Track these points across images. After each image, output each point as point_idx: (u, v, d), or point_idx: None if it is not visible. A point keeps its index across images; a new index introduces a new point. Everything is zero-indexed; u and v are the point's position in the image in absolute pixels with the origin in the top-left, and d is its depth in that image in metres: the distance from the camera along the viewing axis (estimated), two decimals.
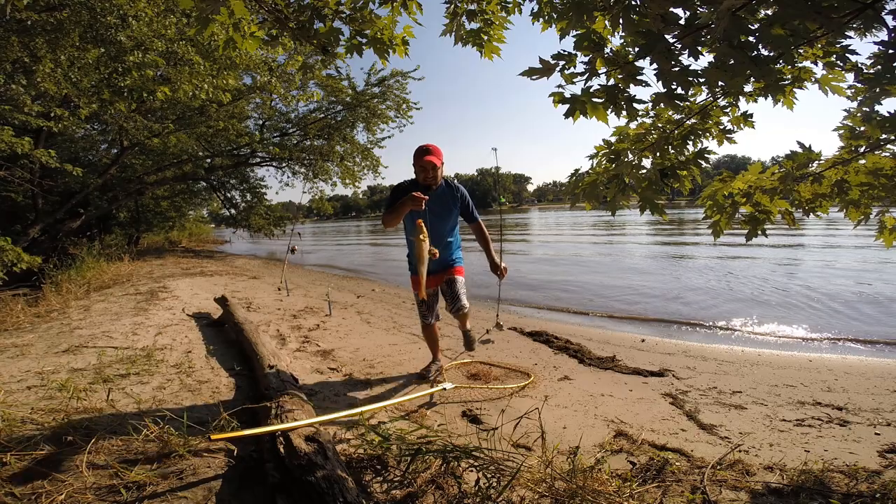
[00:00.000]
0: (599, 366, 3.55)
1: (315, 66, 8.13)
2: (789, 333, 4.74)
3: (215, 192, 16.35)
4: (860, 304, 5.68)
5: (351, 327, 4.76)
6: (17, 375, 2.80)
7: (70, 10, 5.14)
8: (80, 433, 1.87)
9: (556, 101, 1.51)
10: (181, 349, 3.52)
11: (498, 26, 2.12)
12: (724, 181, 1.86)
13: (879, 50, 1.37)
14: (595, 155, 1.83)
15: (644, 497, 1.65)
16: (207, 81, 6.70)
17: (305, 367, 3.40)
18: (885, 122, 1.48)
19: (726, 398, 2.92)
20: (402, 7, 2.08)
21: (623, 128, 1.81)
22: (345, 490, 1.46)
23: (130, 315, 4.61)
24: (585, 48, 1.50)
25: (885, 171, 1.58)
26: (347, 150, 13.49)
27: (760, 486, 1.80)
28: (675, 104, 1.48)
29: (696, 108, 1.77)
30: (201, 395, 2.63)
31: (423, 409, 2.70)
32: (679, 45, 1.34)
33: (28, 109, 5.62)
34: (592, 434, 2.40)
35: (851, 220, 1.75)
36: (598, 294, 7.04)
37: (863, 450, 2.21)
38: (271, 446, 1.75)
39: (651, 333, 4.82)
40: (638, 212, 1.84)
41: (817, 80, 1.68)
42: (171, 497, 1.52)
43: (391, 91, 12.52)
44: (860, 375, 3.34)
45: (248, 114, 13.06)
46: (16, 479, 1.57)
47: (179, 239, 20.92)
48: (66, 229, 9.83)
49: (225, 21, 1.90)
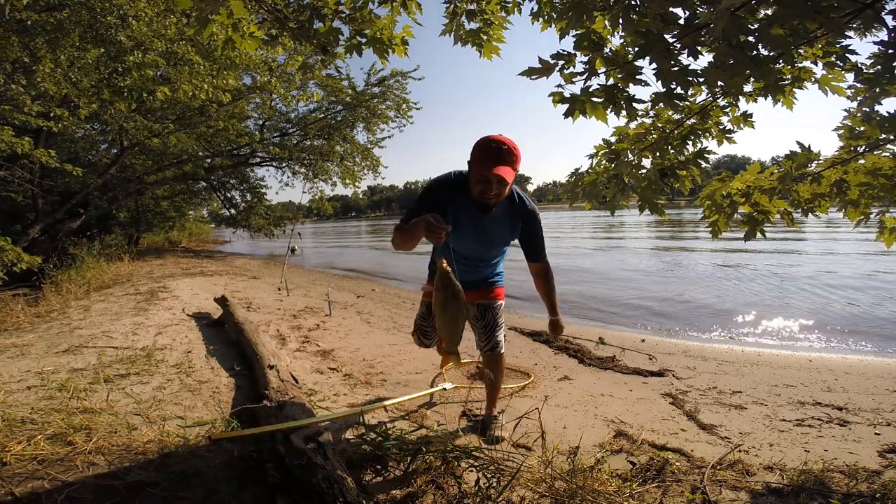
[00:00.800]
0: (599, 366, 3.56)
1: (315, 66, 8.13)
2: (789, 333, 4.74)
3: (215, 192, 16.36)
4: (860, 304, 5.67)
5: (351, 327, 4.76)
6: (17, 375, 2.80)
7: (70, 10, 5.15)
8: (80, 433, 1.87)
9: (556, 100, 1.51)
10: (181, 349, 3.52)
11: (497, 26, 2.12)
12: (722, 181, 1.87)
13: (879, 50, 1.38)
14: (595, 155, 1.83)
15: (644, 497, 1.65)
16: (207, 81, 6.71)
17: (305, 367, 3.40)
18: (884, 122, 1.48)
19: (726, 398, 2.92)
20: (401, 7, 2.08)
21: (623, 128, 1.81)
22: (345, 490, 1.46)
23: (130, 315, 4.61)
24: (585, 48, 1.50)
25: (884, 171, 1.58)
26: (347, 150, 13.50)
27: (760, 486, 1.80)
28: (674, 104, 1.48)
29: (696, 108, 1.77)
30: (201, 395, 2.63)
31: (423, 409, 2.70)
32: (678, 45, 1.34)
33: (28, 109, 5.62)
34: (592, 434, 2.40)
35: (850, 220, 1.75)
36: (597, 296, 7.05)
37: (863, 450, 2.21)
38: (271, 446, 1.75)
39: (651, 333, 4.82)
40: (637, 211, 1.84)
41: (817, 80, 1.68)
42: (171, 497, 1.52)
43: (391, 91, 12.53)
44: (860, 375, 3.33)
45: (248, 114, 13.08)
46: (16, 479, 1.57)
47: (179, 239, 20.91)
48: (66, 229, 9.83)
49: (224, 21, 1.90)
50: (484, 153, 1.75)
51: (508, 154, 1.74)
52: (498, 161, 1.72)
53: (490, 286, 2.23)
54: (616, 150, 1.79)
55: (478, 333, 2.25)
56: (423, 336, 2.40)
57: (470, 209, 1.91)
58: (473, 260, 2.12)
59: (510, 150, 1.75)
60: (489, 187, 1.77)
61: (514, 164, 1.76)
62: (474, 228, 1.96)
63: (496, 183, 1.75)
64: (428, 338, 2.40)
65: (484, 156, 1.75)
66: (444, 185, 1.93)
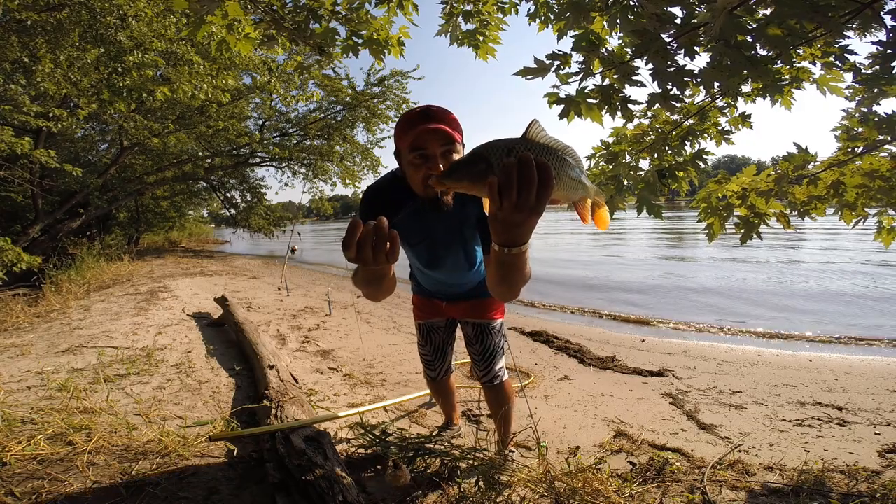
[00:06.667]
0: (599, 366, 3.56)
1: (313, 66, 8.13)
2: (789, 333, 4.73)
3: (215, 192, 16.37)
4: (861, 304, 5.67)
5: (351, 327, 4.76)
6: (17, 375, 2.80)
7: (70, 10, 5.15)
8: (80, 433, 1.87)
9: (551, 101, 1.51)
10: (181, 349, 3.52)
11: (494, 27, 2.12)
12: (719, 183, 1.86)
13: (878, 50, 1.37)
14: (592, 156, 1.83)
15: (644, 497, 1.65)
16: (207, 81, 6.71)
17: (305, 366, 3.40)
18: (882, 124, 1.48)
19: (726, 398, 2.92)
20: (398, 7, 2.07)
21: (620, 129, 1.81)
22: (345, 490, 1.47)
23: (130, 315, 4.62)
24: (583, 48, 1.50)
25: (881, 173, 1.58)
26: (347, 149, 13.51)
27: (760, 486, 1.80)
28: (670, 105, 1.48)
29: (694, 108, 1.76)
30: (201, 395, 2.63)
31: (423, 409, 2.70)
32: (675, 45, 1.34)
33: (27, 109, 5.63)
34: (592, 434, 2.40)
35: (846, 223, 1.75)
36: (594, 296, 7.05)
37: (863, 450, 2.21)
38: (271, 446, 1.75)
39: (651, 333, 4.82)
40: (635, 212, 1.84)
41: (815, 81, 1.68)
42: (171, 497, 1.52)
43: (391, 91, 12.53)
44: (860, 375, 3.33)
45: (248, 114, 13.07)
46: (16, 479, 1.57)
47: (179, 239, 20.92)
48: (66, 229, 9.83)
49: (219, 22, 1.89)
50: (407, 122, 1.29)
51: (439, 113, 1.29)
52: (428, 120, 1.26)
53: (482, 299, 1.78)
54: (614, 152, 1.79)
55: (473, 361, 1.87)
56: (428, 367, 2.03)
57: (420, 215, 1.41)
58: (453, 274, 1.67)
59: (440, 111, 1.30)
60: (432, 162, 1.25)
61: (452, 125, 1.28)
62: (432, 240, 1.50)
63: (435, 143, 1.23)
64: (432, 368, 2.01)
65: (408, 124, 1.28)
66: (382, 191, 1.44)
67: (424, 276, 1.81)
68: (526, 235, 0.82)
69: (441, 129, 1.22)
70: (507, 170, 0.69)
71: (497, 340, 1.82)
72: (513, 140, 0.76)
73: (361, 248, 0.79)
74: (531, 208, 0.71)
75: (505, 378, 1.85)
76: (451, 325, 1.96)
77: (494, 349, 1.81)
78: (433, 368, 2.01)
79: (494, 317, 1.82)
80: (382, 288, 1.13)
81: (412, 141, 1.24)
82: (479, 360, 1.83)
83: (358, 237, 0.78)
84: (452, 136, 1.23)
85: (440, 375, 2.02)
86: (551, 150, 0.78)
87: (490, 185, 0.71)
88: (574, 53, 1.49)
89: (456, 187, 0.77)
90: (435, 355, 1.98)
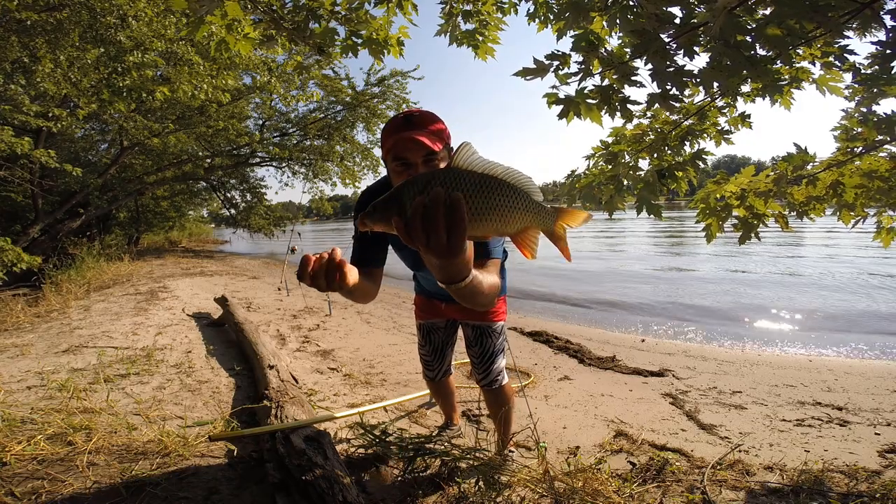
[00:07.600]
0: (599, 366, 3.56)
1: (312, 66, 8.13)
2: (789, 333, 4.73)
3: (215, 192, 16.37)
4: (861, 304, 5.67)
5: (351, 327, 4.77)
6: (17, 375, 2.80)
7: (70, 10, 5.15)
8: (80, 433, 1.87)
9: (550, 101, 1.51)
10: (181, 349, 3.52)
11: (493, 27, 2.12)
12: (717, 183, 1.86)
13: (877, 50, 1.37)
14: (592, 156, 1.83)
15: (644, 497, 1.65)
16: (207, 81, 6.71)
17: (305, 367, 3.40)
18: (881, 124, 1.48)
19: (726, 398, 2.92)
20: (397, 7, 2.07)
21: (620, 129, 1.81)
22: (345, 490, 1.47)
23: (130, 315, 4.62)
24: (583, 49, 1.50)
25: (880, 174, 1.58)
26: (347, 150, 13.51)
27: (760, 486, 1.80)
28: (669, 105, 1.48)
29: (694, 108, 1.76)
30: (201, 395, 2.63)
31: (423, 409, 2.70)
32: (674, 45, 1.34)
33: (27, 109, 5.63)
34: (592, 434, 2.40)
35: (845, 224, 1.75)
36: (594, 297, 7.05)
37: (863, 450, 2.21)
38: (271, 446, 1.75)
39: (650, 333, 4.82)
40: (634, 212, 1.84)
41: (815, 81, 1.68)
42: (171, 497, 1.52)
43: (391, 91, 12.52)
44: (860, 375, 3.33)
45: (248, 114, 13.08)
46: (16, 479, 1.57)
47: (179, 239, 20.91)
48: (66, 229, 9.83)
49: (218, 22, 1.89)
50: (389, 130, 1.31)
51: (422, 120, 1.28)
52: (409, 128, 1.26)
53: None
54: (613, 152, 1.79)
55: (472, 363, 1.88)
56: (427, 368, 2.06)
57: None
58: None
59: (423, 116, 1.30)
60: (413, 170, 1.25)
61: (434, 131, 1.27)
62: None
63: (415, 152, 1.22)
64: (431, 368, 2.04)
65: (389, 132, 1.30)
66: (376, 194, 1.41)
67: (423, 277, 1.84)
68: (459, 274, 0.78)
69: (419, 139, 1.21)
70: (414, 211, 0.66)
71: (497, 343, 1.83)
72: (434, 174, 0.71)
73: (314, 279, 0.86)
74: (445, 250, 0.67)
75: (504, 381, 1.86)
76: (451, 326, 1.98)
77: (494, 352, 1.82)
78: (432, 369, 2.04)
79: (494, 319, 1.82)
80: (355, 297, 1.18)
81: (393, 148, 1.26)
82: (478, 362, 1.85)
83: (309, 270, 0.86)
84: (431, 147, 1.22)
85: (438, 376, 2.06)
86: (481, 179, 0.70)
87: (398, 229, 0.68)
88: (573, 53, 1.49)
89: (375, 228, 0.73)
90: (434, 356, 2.00)
